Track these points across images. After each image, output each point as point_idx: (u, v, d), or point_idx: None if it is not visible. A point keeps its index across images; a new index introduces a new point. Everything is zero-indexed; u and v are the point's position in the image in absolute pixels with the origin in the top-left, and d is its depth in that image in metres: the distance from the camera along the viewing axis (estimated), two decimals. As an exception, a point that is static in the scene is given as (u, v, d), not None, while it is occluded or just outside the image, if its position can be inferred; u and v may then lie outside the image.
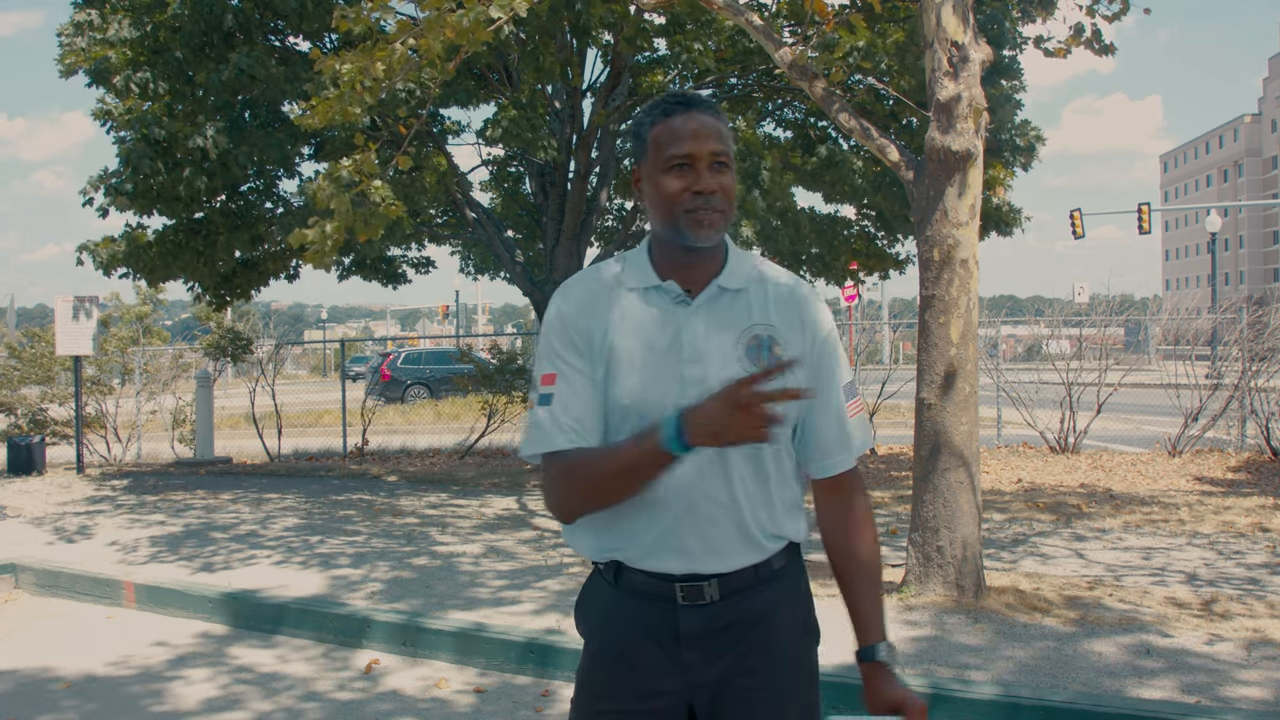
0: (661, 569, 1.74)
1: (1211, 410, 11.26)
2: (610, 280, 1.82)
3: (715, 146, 1.74)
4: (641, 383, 1.74)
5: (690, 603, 1.74)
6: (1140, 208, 33.03)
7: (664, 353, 1.75)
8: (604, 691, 1.78)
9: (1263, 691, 3.81)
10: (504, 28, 5.77)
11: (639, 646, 1.75)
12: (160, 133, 8.91)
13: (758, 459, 1.75)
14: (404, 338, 47.07)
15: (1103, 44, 6.91)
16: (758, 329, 1.77)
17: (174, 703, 4.34)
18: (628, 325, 1.77)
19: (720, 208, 1.74)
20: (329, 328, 78.76)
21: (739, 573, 1.75)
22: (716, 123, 1.76)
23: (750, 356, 1.75)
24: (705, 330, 1.75)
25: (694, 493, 1.72)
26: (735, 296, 1.79)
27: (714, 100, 1.84)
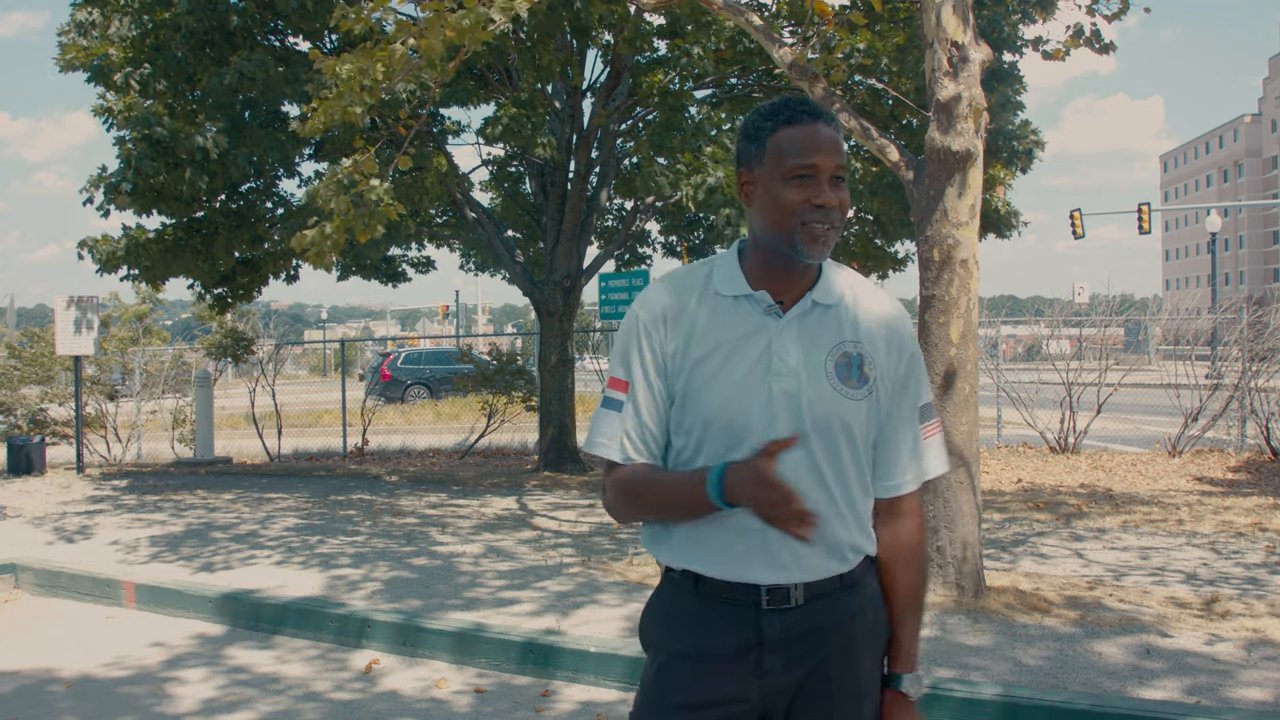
0: (749, 580, 1.73)
1: (1211, 410, 11.27)
2: (698, 286, 1.79)
3: (838, 160, 1.72)
4: (727, 395, 1.73)
5: (774, 607, 1.73)
6: (1140, 208, 33.03)
7: (752, 365, 1.73)
8: (677, 699, 1.75)
9: (1263, 692, 3.81)
10: (504, 27, 5.76)
11: (718, 653, 1.74)
12: (161, 132, 8.91)
13: (844, 479, 1.75)
14: (404, 338, 47.06)
15: (1102, 43, 6.91)
16: (847, 346, 1.76)
17: (174, 703, 4.34)
18: (714, 335, 1.75)
19: (836, 223, 1.73)
20: (329, 328, 78.72)
21: (824, 580, 1.75)
22: (837, 136, 1.74)
23: (839, 374, 1.74)
24: (796, 344, 1.74)
25: None
26: (827, 311, 1.77)
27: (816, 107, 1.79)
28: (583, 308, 22.23)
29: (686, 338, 1.75)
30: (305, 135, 5.96)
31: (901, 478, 1.82)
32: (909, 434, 1.82)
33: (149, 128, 8.89)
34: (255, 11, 9.09)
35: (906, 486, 1.82)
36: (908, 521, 1.84)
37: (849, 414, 1.74)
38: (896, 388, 1.80)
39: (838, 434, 1.74)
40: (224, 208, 10.57)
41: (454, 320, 54.22)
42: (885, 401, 1.79)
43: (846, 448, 1.75)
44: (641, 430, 1.77)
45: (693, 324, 1.76)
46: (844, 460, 1.75)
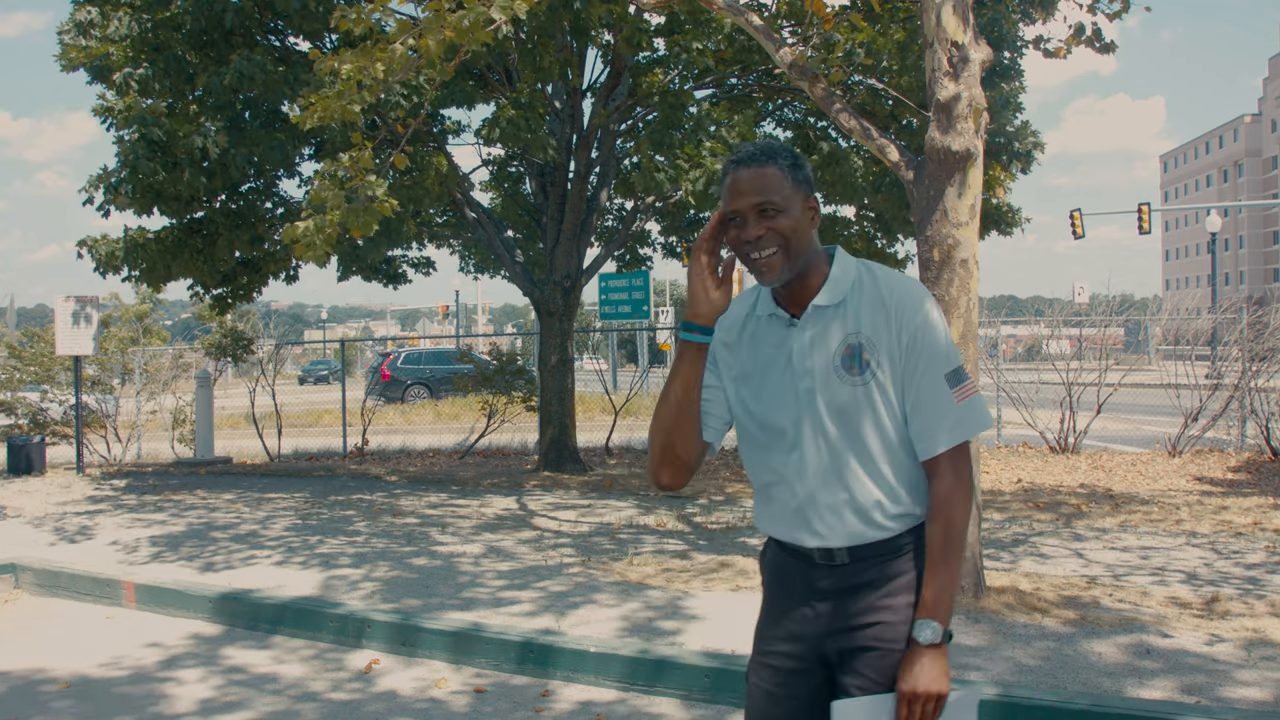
0: (801, 543, 2.02)
1: (1211, 410, 11.26)
2: (748, 308, 2.11)
3: (756, 199, 1.95)
4: (764, 400, 2.04)
5: (825, 563, 2.01)
6: (1140, 208, 33.02)
7: (781, 372, 2.02)
8: (767, 635, 2.10)
9: (1262, 692, 3.81)
10: (504, 28, 5.76)
11: (786, 600, 2.07)
12: (159, 132, 8.90)
13: (869, 457, 1.97)
14: (404, 338, 47.05)
15: (1103, 42, 6.91)
16: (850, 339, 1.98)
17: (174, 703, 4.34)
18: (754, 348, 2.07)
19: (769, 246, 1.94)
20: (329, 328, 78.74)
21: (867, 545, 1.99)
22: (758, 173, 1.95)
23: (845, 366, 1.97)
24: (810, 347, 1.99)
25: (815, 488, 1.99)
26: (834, 311, 2.00)
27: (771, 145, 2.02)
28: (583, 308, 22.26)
29: (737, 353, 2.09)
30: (302, 127, 5.95)
31: (924, 442, 1.97)
32: (932, 400, 1.96)
33: (146, 127, 8.88)
34: (255, 11, 9.08)
35: (934, 449, 1.96)
36: (937, 482, 1.97)
37: (858, 400, 1.96)
38: (905, 361, 1.96)
39: (855, 418, 1.96)
40: (224, 208, 10.55)
41: (454, 320, 54.19)
42: (898, 376, 1.96)
43: (870, 428, 1.96)
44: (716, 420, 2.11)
45: (740, 342, 2.09)
46: (868, 440, 1.96)
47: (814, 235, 2.01)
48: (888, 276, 2.01)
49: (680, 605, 5.18)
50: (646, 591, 5.47)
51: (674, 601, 5.26)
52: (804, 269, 2.00)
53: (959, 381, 1.97)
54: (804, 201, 1.97)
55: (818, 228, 2.03)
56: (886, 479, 1.97)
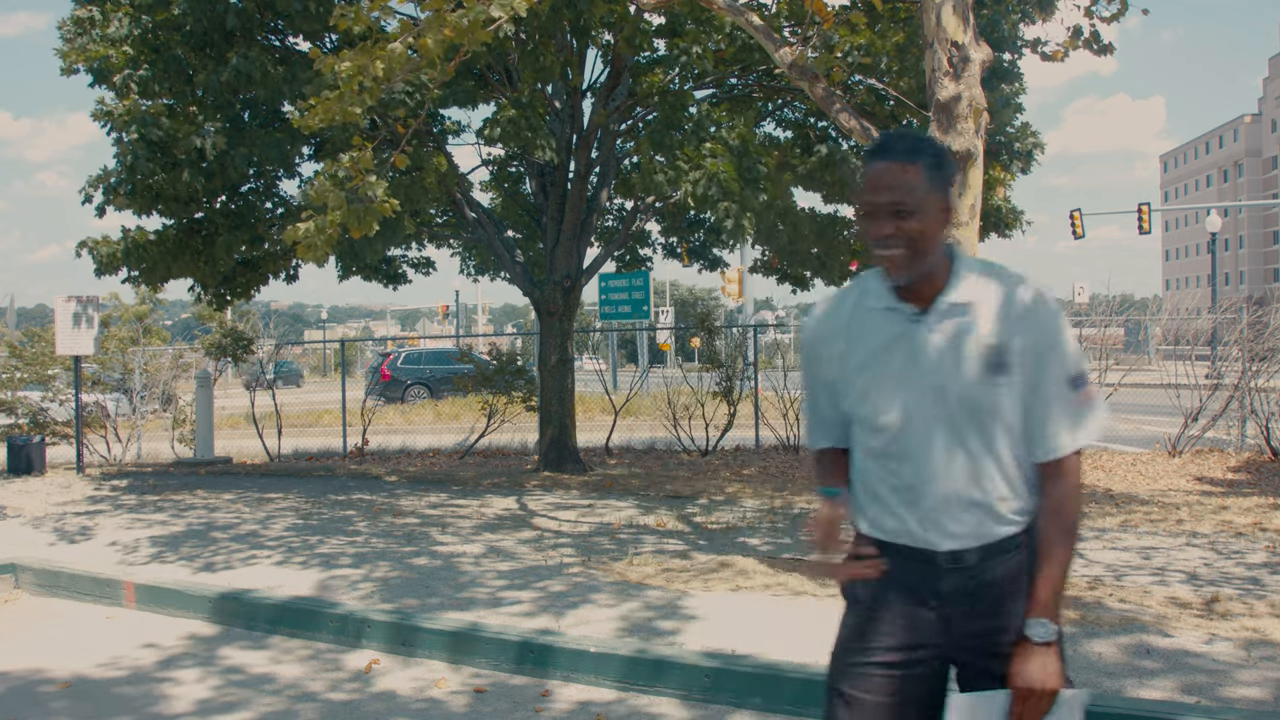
0: (927, 545, 2.01)
1: (1211, 410, 11.25)
2: (851, 302, 2.10)
3: (893, 196, 1.94)
4: (886, 395, 2.02)
5: (953, 565, 2.00)
6: (1140, 208, 33.02)
7: (902, 367, 2.00)
8: (868, 645, 2.05)
9: (1262, 692, 3.81)
10: (504, 27, 5.76)
11: (905, 606, 2.03)
12: (158, 132, 8.90)
13: (999, 456, 1.99)
14: (404, 338, 47.05)
15: (1101, 44, 6.91)
16: (987, 339, 1.97)
17: (173, 703, 4.34)
18: (866, 343, 2.04)
19: (898, 247, 1.95)
20: (329, 328, 78.75)
21: (996, 543, 2.00)
22: (902, 168, 1.94)
23: (982, 364, 1.97)
24: (942, 344, 1.99)
25: (945, 484, 1.99)
26: (961, 309, 1.99)
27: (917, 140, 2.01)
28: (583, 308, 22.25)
29: (841, 349, 2.08)
30: (304, 130, 5.95)
31: (1040, 446, 2.00)
32: (1055, 404, 1.98)
33: (146, 128, 8.88)
34: (255, 11, 9.08)
35: (1058, 451, 1.99)
36: (1057, 483, 2.00)
37: (992, 398, 1.97)
38: (1036, 365, 1.97)
39: (986, 416, 1.97)
40: (223, 208, 10.56)
41: (454, 320, 54.20)
42: (1029, 379, 1.98)
43: (998, 427, 1.98)
44: (825, 422, 2.18)
45: (845, 337, 2.07)
46: (996, 439, 1.98)
47: (943, 235, 2.02)
48: (1015, 277, 2.02)
49: (680, 605, 5.18)
50: (646, 591, 5.47)
51: (674, 601, 5.26)
52: (935, 267, 2.00)
53: (1083, 385, 2.00)
54: (939, 203, 1.97)
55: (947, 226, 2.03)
56: (1013, 477, 2.00)
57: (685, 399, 13.11)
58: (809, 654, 4.19)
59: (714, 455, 12.43)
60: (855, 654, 2.07)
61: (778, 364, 13.56)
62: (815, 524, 2.10)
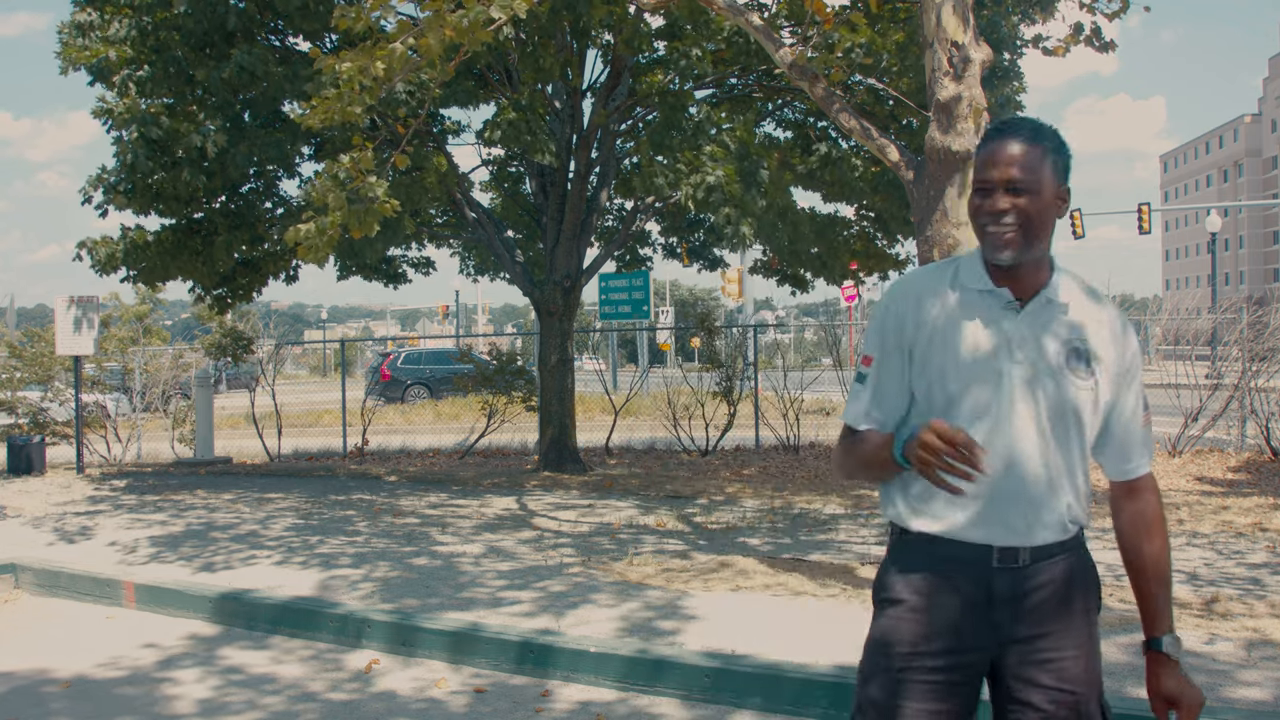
0: (984, 540, 1.96)
1: (1211, 410, 11.25)
2: (943, 280, 2.03)
3: (1011, 172, 1.92)
4: (967, 377, 1.97)
5: (1004, 565, 1.96)
6: (1140, 208, 33.01)
7: (991, 352, 1.96)
8: (911, 649, 1.98)
9: (1262, 692, 3.81)
10: (504, 28, 5.76)
11: (954, 606, 1.97)
12: (158, 131, 8.90)
13: (1070, 458, 1.98)
14: (404, 338, 47.05)
15: (1102, 41, 6.91)
16: (1077, 342, 1.99)
17: (174, 703, 4.34)
18: (956, 323, 1.99)
19: (1010, 224, 1.93)
20: (329, 328, 78.75)
21: (1048, 546, 1.98)
22: (1023, 148, 1.93)
23: (1070, 363, 1.97)
24: (1032, 336, 1.97)
25: (1014, 479, 1.95)
26: (1060, 309, 2.00)
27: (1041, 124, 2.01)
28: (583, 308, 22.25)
29: (929, 327, 1.99)
30: (304, 129, 5.95)
31: (1138, 460, 2.06)
32: (1138, 422, 2.06)
33: (146, 126, 8.88)
34: (255, 11, 9.08)
35: (1143, 469, 2.07)
36: (1148, 498, 2.08)
37: (1079, 400, 1.97)
38: (1121, 380, 2.02)
39: (1068, 417, 1.97)
40: (223, 208, 10.56)
41: (454, 320, 54.19)
42: (1111, 392, 2.01)
43: (1075, 430, 1.98)
44: (885, 404, 2.04)
45: (933, 314, 2.00)
46: (1071, 441, 1.98)
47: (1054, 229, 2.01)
48: (1106, 297, 2.07)
49: (680, 605, 5.18)
50: (646, 591, 5.47)
51: (674, 601, 5.26)
52: (1042, 256, 1.99)
53: (1148, 406, 2.09)
54: (1056, 189, 1.96)
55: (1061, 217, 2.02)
56: (1079, 482, 2.01)
57: (685, 399, 13.12)
58: (809, 654, 4.19)
59: (714, 455, 12.43)
60: (896, 659, 1.98)
61: (777, 364, 13.56)
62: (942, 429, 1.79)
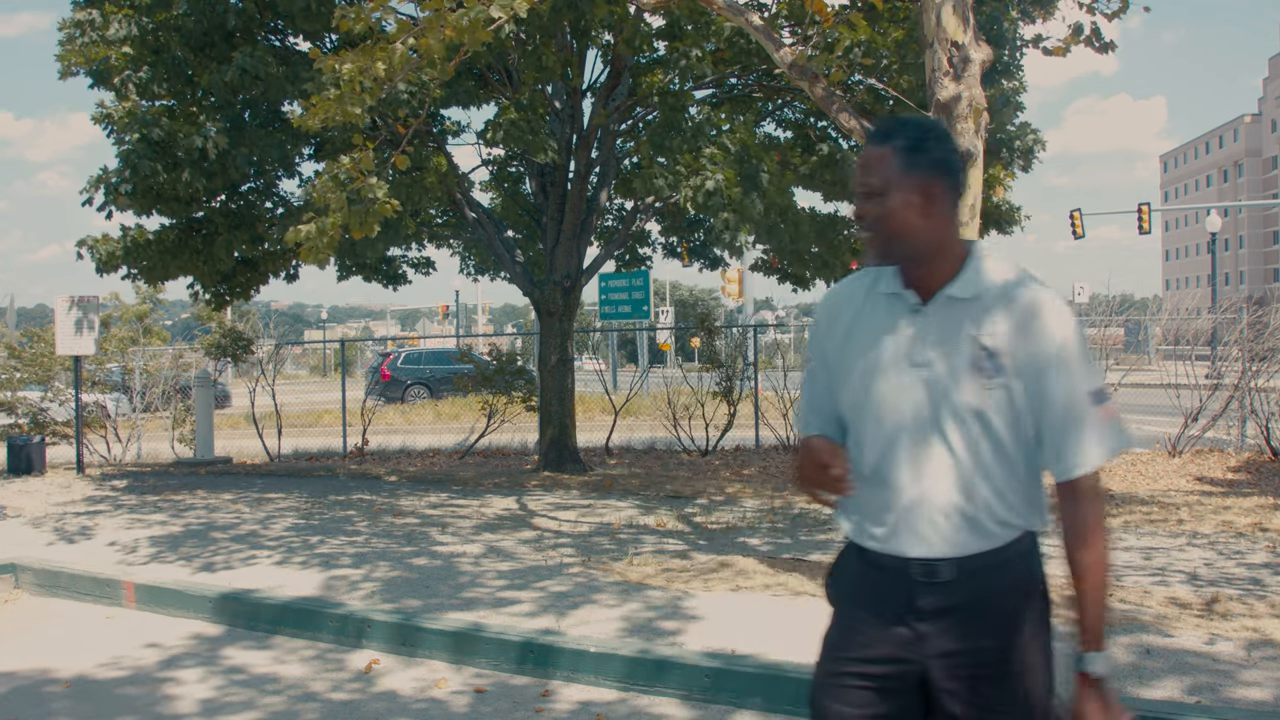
0: (899, 551, 1.91)
1: (1211, 410, 11.25)
2: (862, 286, 2.02)
3: (864, 178, 1.93)
4: (869, 382, 1.94)
5: (927, 580, 1.90)
6: (1140, 208, 33.03)
7: (892, 356, 1.93)
8: (845, 655, 1.97)
9: (1263, 692, 3.81)
10: (504, 27, 5.76)
11: (879, 617, 1.93)
12: (159, 132, 8.90)
13: (982, 461, 1.89)
14: (404, 338, 47.05)
15: (1102, 41, 6.91)
16: (985, 339, 1.88)
17: (175, 703, 4.34)
18: (866, 329, 1.97)
19: (870, 231, 1.93)
20: (329, 328, 78.74)
21: (974, 556, 1.89)
22: (874, 154, 1.93)
23: (973, 363, 1.88)
24: (934, 337, 1.91)
25: (925, 487, 1.89)
26: (966, 305, 1.91)
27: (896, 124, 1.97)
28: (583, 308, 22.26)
29: (842, 334, 2.00)
30: (304, 130, 5.95)
31: (1071, 460, 1.88)
32: (1069, 420, 1.87)
33: (147, 128, 8.88)
34: (255, 12, 9.08)
35: (1078, 469, 1.88)
36: (1085, 503, 1.90)
37: (982, 400, 1.87)
38: (1039, 373, 1.87)
39: (972, 419, 1.88)
40: (224, 208, 10.56)
41: (454, 320, 54.19)
42: (1026, 387, 1.87)
43: (983, 432, 1.88)
44: (819, 409, 2.07)
45: (848, 323, 2.00)
46: (980, 444, 1.88)
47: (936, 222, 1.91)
48: (1027, 282, 1.92)
49: (680, 605, 5.18)
50: (646, 591, 5.47)
51: (674, 601, 5.26)
52: (924, 255, 1.92)
53: (1103, 400, 1.89)
54: (915, 187, 1.89)
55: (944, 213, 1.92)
56: (1002, 488, 1.90)
57: (685, 399, 13.12)
58: (809, 654, 4.18)
59: (714, 455, 12.43)
60: (833, 663, 1.99)
61: (778, 364, 13.56)
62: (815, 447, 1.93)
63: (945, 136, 1.97)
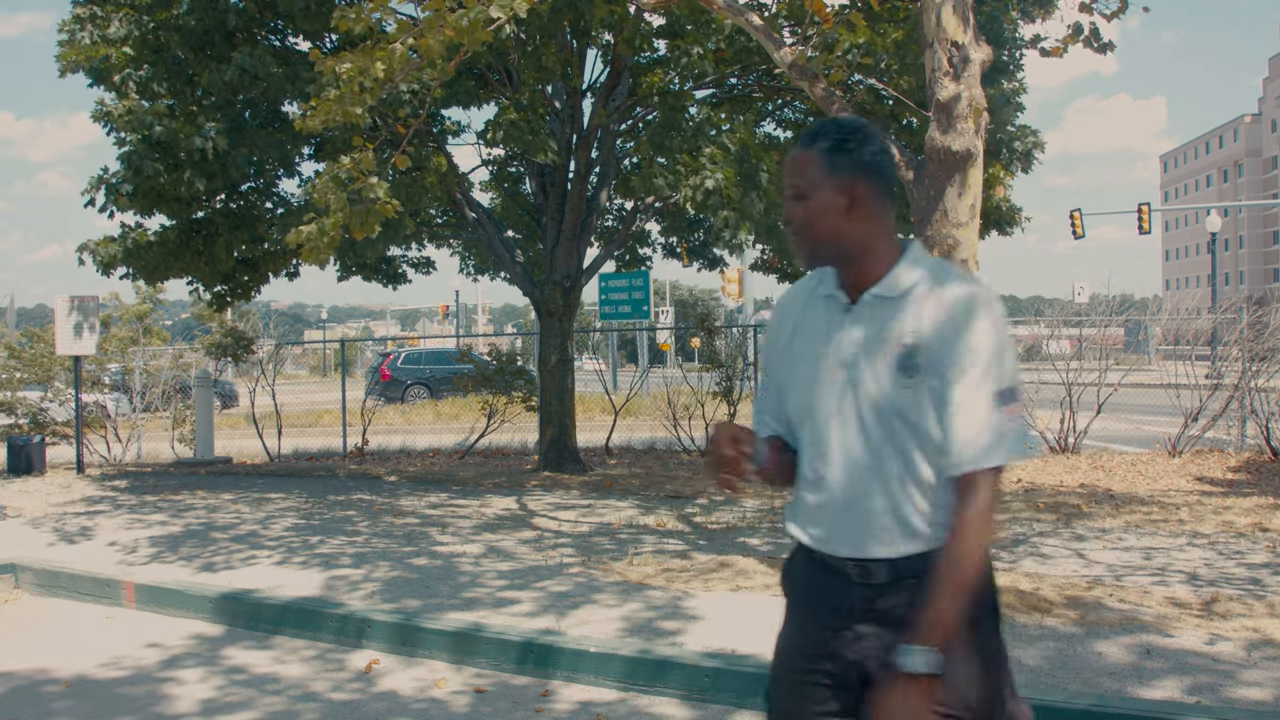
0: (831, 551, 1.94)
1: (1211, 410, 11.25)
2: (805, 290, 2.05)
3: (791, 180, 1.95)
4: (804, 386, 1.97)
5: (863, 581, 1.90)
6: (1140, 208, 33.03)
7: (819, 356, 1.95)
8: (796, 653, 1.98)
9: (1263, 692, 3.81)
10: (504, 28, 5.76)
11: (823, 615, 1.95)
12: (160, 131, 8.91)
13: (910, 462, 1.87)
14: (404, 338, 47.05)
15: (1101, 42, 6.91)
16: (907, 337, 1.88)
17: (175, 703, 4.34)
18: (805, 332, 2.00)
19: (793, 235, 1.96)
20: (329, 328, 78.76)
21: (909, 558, 1.88)
22: (800, 157, 1.94)
23: (896, 363, 1.87)
24: (862, 339, 1.91)
25: (854, 488, 1.90)
26: (892, 304, 1.90)
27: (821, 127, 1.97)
28: (583, 308, 22.26)
29: (787, 337, 2.03)
30: (304, 132, 5.95)
31: (959, 456, 1.84)
32: (978, 415, 1.83)
33: (148, 129, 8.89)
34: (256, 11, 9.08)
35: (965, 466, 1.83)
36: (965, 500, 1.84)
37: (903, 399, 1.86)
38: (948, 370, 1.84)
39: (895, 421, 1.87)
40: (224, 208, 10.56)
41: (454, 320, 54.20)
42: (948, 384, 1.84)
43: (907, 432, 1.87)
44: (763, 411, 2.10)
45: (796, 321, 2.02)
46: (907, 444, 1.87)
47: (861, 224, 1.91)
48: (955, 280, 1.90)
49: (680, 605, 5.18)
50: (647, 591, 5.47)
51: (674, 601, 5.26)
52: (851, 257, 1.92)
53: (1010, 401, 1.84)
54: (837, 188, 1.89)
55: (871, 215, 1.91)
56: (928, 485, 1.87)
57: (685, 399, 13.11)
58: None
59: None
60: (785, 660, 2.01)
61: (778, 364, 13.51)
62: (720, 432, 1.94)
63: (871, 138, 1.94)
